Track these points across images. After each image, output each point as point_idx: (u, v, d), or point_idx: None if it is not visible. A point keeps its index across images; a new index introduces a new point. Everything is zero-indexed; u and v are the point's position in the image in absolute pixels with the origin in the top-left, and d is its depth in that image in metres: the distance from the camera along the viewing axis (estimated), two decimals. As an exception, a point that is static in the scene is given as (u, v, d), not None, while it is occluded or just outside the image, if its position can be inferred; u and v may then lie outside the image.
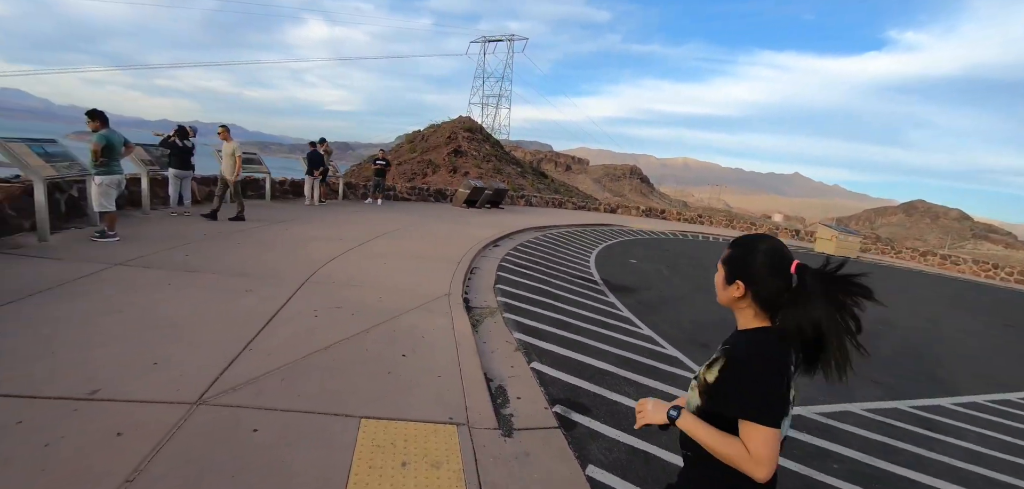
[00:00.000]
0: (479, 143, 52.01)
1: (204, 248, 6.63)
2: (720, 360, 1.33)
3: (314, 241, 8.00)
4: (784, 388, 1.24)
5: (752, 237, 1.40)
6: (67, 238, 6.32)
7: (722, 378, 1.30)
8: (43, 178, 5.87)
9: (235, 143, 8.71)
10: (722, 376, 1.30)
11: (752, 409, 1.22)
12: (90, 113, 6.10)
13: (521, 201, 21.96)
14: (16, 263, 5.17)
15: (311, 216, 10.75)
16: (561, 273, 9.03)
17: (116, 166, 6.28)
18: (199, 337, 3.93)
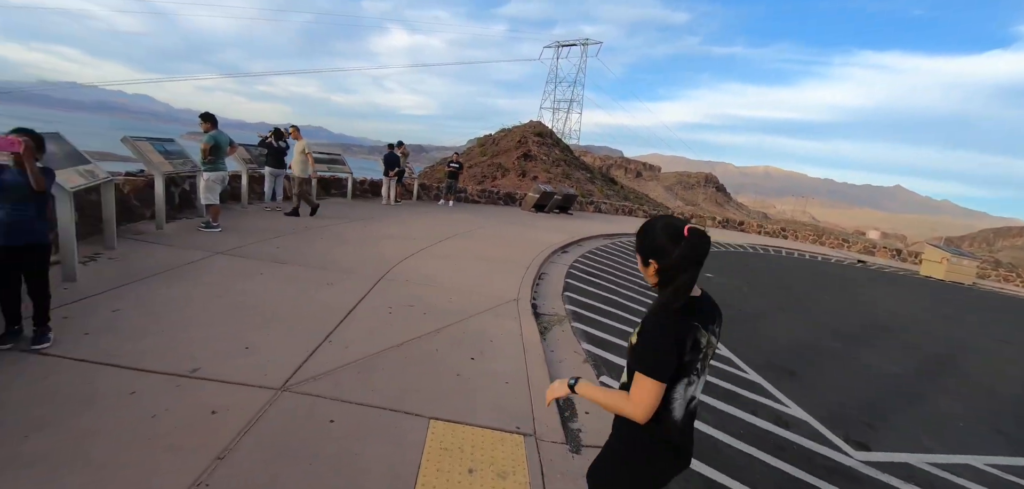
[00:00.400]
0: (549, 148, 51.97)
1: (292, 241, 7.10)
2: (639, 326, 1.56)
3: (389, 239, 8.31)
4: (673, 349, 1.46)
5: (651, 218, 1.60)
6: (178, 227, 7.03)
7: (637, 340, 1.54)
8: (162, 173, 6.57)
9: (304, 142, 9.22)
10: (637, 338, 1.54)
11: (643, 364, 1.47)
12: (203, 115, 6.78)
13: (590, 207, 21.62)
14: (138, 247, 5.81)
15: (387, 215, 11.21)
16: (632, 284, 8.71)
17: (221, 164, 6.91)
18: (285, 325, 4.17)
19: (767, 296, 9.92)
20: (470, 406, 3.37)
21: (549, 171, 45.61)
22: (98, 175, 5.14)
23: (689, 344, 1.49)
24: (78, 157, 5.06)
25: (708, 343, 1.54)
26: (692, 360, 1.51)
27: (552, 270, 8.48)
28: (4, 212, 3.05)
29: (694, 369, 1.54)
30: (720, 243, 18.11)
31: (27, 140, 3.04)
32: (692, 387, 1.56)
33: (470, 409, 3.33)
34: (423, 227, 10.16)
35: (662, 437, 1.57)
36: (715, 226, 24.93)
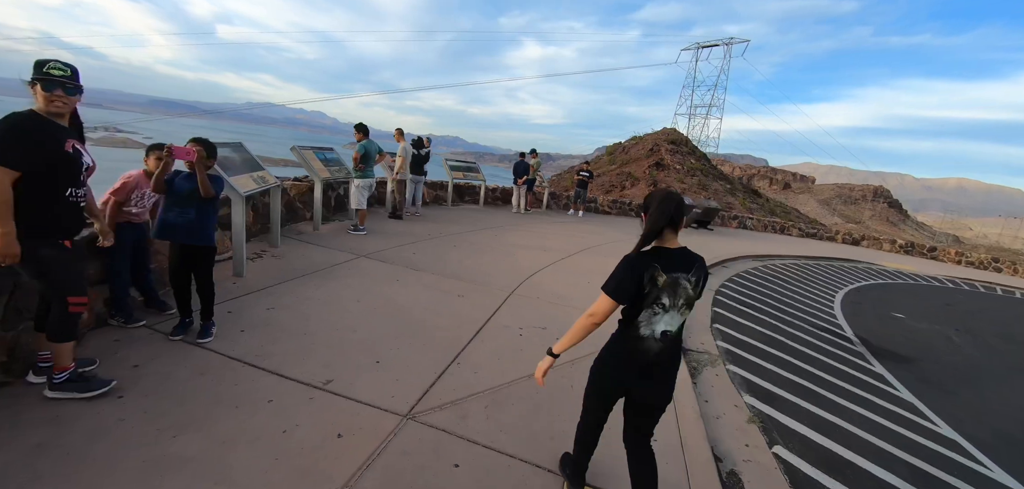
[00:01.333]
0: (683, 156, 48.58)
1: (428, 248, 7.20)
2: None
3: (521, 250, 8.06)
4: (630, 279, 1.96)
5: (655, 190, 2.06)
6: (333, 229, 7.58)
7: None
8: (321, 179, 7.12)
9: (405, 143, 9.27)
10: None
11: (606, 284, 2.01)
12: (357, 126, 7.22)
13: (734, 223, 19.36)
14: (297, 247, 6.29)
15: (518, 224, 11.07)
16: (797, 319, 7.27)
17: (370, 172, 7.30)
18: (417, 339, 4.02)
19: (993, 350, 7.58)
20: (613, 469, 2.77)
21: (683, 181, 42.51)
22: (268, 181, 5.63)
23: (647, 279, 1.92)
24: (254, 164, 5.60)
25: (671, 284, 1.92)
26: (652, 293, 1.93)
27: (696, 295, 7.46)
28: (175, 214, 3.28)
29: (659, 303, 1.94)
30: (906, 274, 14.80)
31: (200, 149, 3.24)
32: (658, 319, 1.95)
33: (614, 472, 2.74)
34: (553, 238, 9.78)
35: (628, 346, 2.03)
36: (895, 251, 20.62)
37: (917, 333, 7.86)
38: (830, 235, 21.22)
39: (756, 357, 5.24)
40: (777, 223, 20.73)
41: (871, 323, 7.97)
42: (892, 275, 14.08)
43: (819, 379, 5.03)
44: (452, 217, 10.39)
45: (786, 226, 20.66)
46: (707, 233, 15.86)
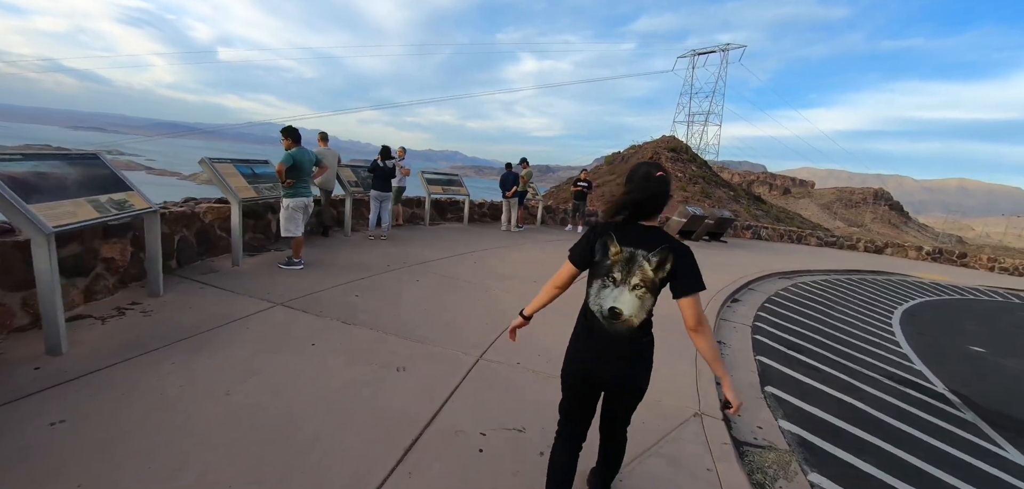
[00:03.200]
0: (684, 164, 47.00)
1: (381, 285, 5.48)
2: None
3: (505, 281, 6.32)
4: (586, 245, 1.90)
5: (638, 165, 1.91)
6: (261, 263, 5.87)
7: None
8: (239, 200, 5.43)
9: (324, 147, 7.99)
10: None
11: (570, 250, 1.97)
12: (283, 130, 5.55)
13: (747, 233, 17.63)
14: (190, 294, 4.57)
15: (506, 245, 9.34)
16: (864, 370, 5.51)
17: (304, 189, 5.60)
18: (308, 470, 2.30)
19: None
20: None
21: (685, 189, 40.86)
22: (130, 206, 3.93)
23: (598, 247, 1.86)
24: (108, 183, 3.91)
25: (626, 258, 1.80)
26: (602, 263, 1.85)
27: (731, 336, 5.72)
28: None
29: (609, 276, 1.82)
30: (946, 286, 13.04)
31: None
32: (607, 293, 1.83)
33: None
34: (546, 264, 8.05)
35: (583, 323, 1.96)
36: (922, 258, 18.86)
37: (1020, 377, 6.09)
38: (851, 243, 19.45)
39: (840, 448, 3.50)
40: (793, 232, 18.98)
41: (954, 365, 6.19)
42: (933, 289, 12.31)
43: (940, 484, 3.29)
44: (427, 240, 8.68)
45: (803, 235, 18.90)
46: (721, 246, 14.14)
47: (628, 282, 1.77)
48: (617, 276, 1.78)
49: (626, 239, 1.80)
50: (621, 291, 1.78)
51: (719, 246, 14.10)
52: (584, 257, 1.88)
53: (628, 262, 1.77)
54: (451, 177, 11.09)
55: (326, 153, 7.73)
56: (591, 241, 1.86)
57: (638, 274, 1.76)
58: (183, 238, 5.39)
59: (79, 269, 4.00)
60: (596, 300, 1.84)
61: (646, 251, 1.76)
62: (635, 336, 1.84)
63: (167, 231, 5.15)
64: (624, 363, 1.87)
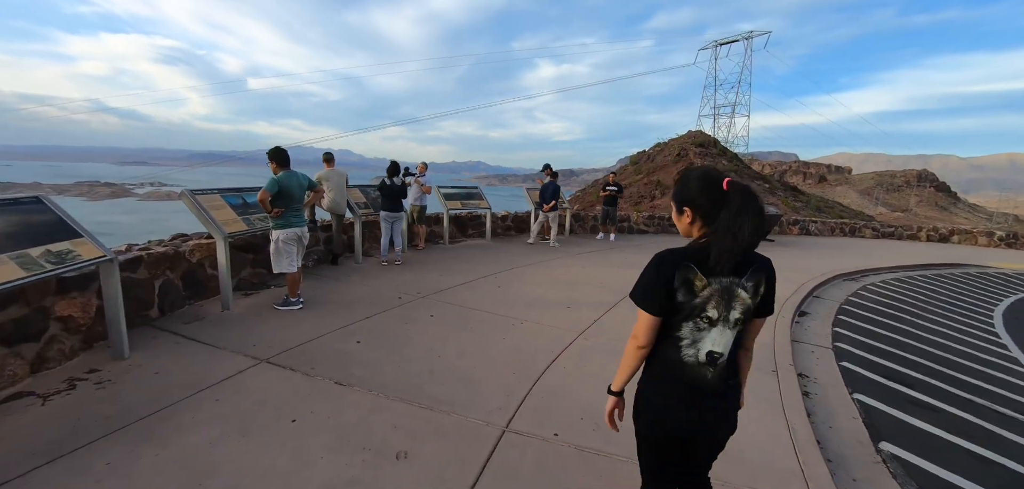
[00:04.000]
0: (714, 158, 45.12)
1: (387, 326, 4.68)
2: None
3: (534, 310, 5.43)
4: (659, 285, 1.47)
5: (693, 171, 1.55)
6: (257, 303, 5.18)
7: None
8: (225, 235, 4.74)
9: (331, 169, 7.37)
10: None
11: (634, 295, 1.55)
12: (269, 153, 4.84)
13: (794, 229, 16.19)
14: (170, 350, 3.87)
15: (533, 261, 8.45)
16: (992, 404, 4.37)
17: (296, 218, 4.86)
18: None
19: None
20: None
21: (717, 184, 39.05)
22: (73, 257, 3.25)
23: (680, 283, 1.46)
24: (53, 231, 3.24)
25: (718, 290, 1.45)
26: (689, 302, 1.47)
27: (813, 366, 4.67)
28: None
29: (703, 316, 1.47)
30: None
31: None
32: (705, 335, 1.49)
33: None
34: (581, 282, 7.12)
35: (670, 373, 1.55)
36: (994, 245, 16.94)
37: None
38: (912, 232, 17.70)
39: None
40: (845, 224, 17.38)
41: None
42: (1022, 282, 10.76)
43: None
44: (445, 262, 7.88)
45: (856, 227, 17.29)
46: (769, 244, 12.87)
47: (728, 319, 1.47)
48: (713, 314, 1.47)
49: (710, 268, 1.46)
50: (720, 331, 1.48)
51: (766, 246, 12.82)
52: (664, 303, 1.49)
53: (723, 295, 1.46)
54: (470, 190, 10.29)
55: (331, 174, 7.06)
56: (667, 280, 1.48)
57: (738, 307, 1.47)
58: (167, 282, 4.74)
59: (25, 334, 3.35)
60: (690, 348, 1.52)
61: (737, 277, 1.47)
62: (729, 375, 1.57)
63: (147, 276, 4.50)
64: (723, 410, 1.60)
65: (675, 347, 1.52)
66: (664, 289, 1.46)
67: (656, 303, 1.48)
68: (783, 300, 6.67)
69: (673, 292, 1.46)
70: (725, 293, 1.45)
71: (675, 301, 1.47)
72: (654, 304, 1.49)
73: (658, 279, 1.47)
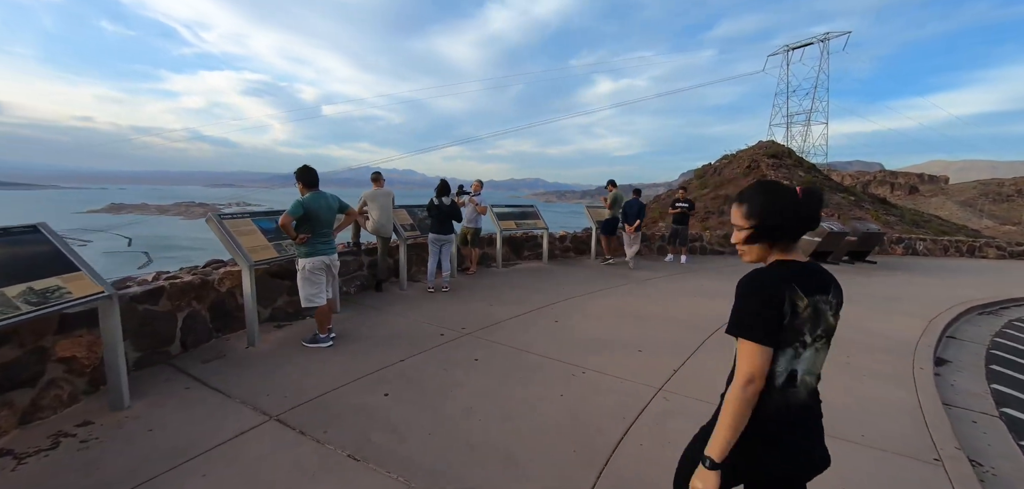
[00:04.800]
0: (789, 169, 41.62)
1: (425, 369, 3.97)
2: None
3: (599, 354, 4.48)
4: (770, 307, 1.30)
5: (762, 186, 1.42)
6: (287, 338, 4.67)
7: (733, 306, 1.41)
8: (251, 264, 4.26)
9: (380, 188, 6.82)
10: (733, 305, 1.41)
11: (739, 327, 1.33)
12: (297, 173, 4.31)
13: (898, 248, 13.96)
14: (166, 406, 3.36)
15: (596, 287, 7.51)
16: None
17: (324, 244, 4.29)
18: None
19: None
20: None
21: (794, 198, 35.76)
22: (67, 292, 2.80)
23: (787, 306, 1.31)
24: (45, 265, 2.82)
25: (811, 310, 1.33)
26: (792, 325, 1.32)
27: (983, 442, 3.38)
28: None
29: (801, 339, 1.34)
30: None
31: None
32: (798, 361, 1.35)
33: None
34: (655, 312, 6.08)
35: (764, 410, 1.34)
36: None
37: None
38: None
39: None
40: (962, 242, 14.82)
41: None
42: None
43: None
44: (497, 288, 7.12)
45: (977, 246, 14.68)
46: (869, 268, 11.03)
47: (815, 341, 1.35)
48: (806, 338, 1.33)
49: (807, 286, 1.33)
50: (814, 353, 1.36)
51: (867, 269, 10.99)
52: (773, 327, 1.30)
53: (815, 316, 1.33)
54: (525, 209, 9.52)
55: (377, 195, 6.54)
56: (777, 303, 1.29)
57: (822, 326, 1.35)
58: (192, 314, 4.32)
59: (17, 379, 2.94)
60: (784, 374, 1.34)
61: (823, 294, 1.35)
62: (816, 393, 1.43)
63: (169, 308, 4.10)
64: (815, 430, 1.43)
65: (769, 380, 1.35)
66: (779, 314, 1.31)
67: (771, 332, 1.31)
68: (911, 342, 5.29)
69: (782, 316, 1.31)
70: (816, 313, 1.35)
71: (780, 328, 1.32)
72: (769, 333, 1.30)
73: (772, 305, 1.31)
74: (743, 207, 1.40)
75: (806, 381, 1.37)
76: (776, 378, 1.34)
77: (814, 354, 1.36)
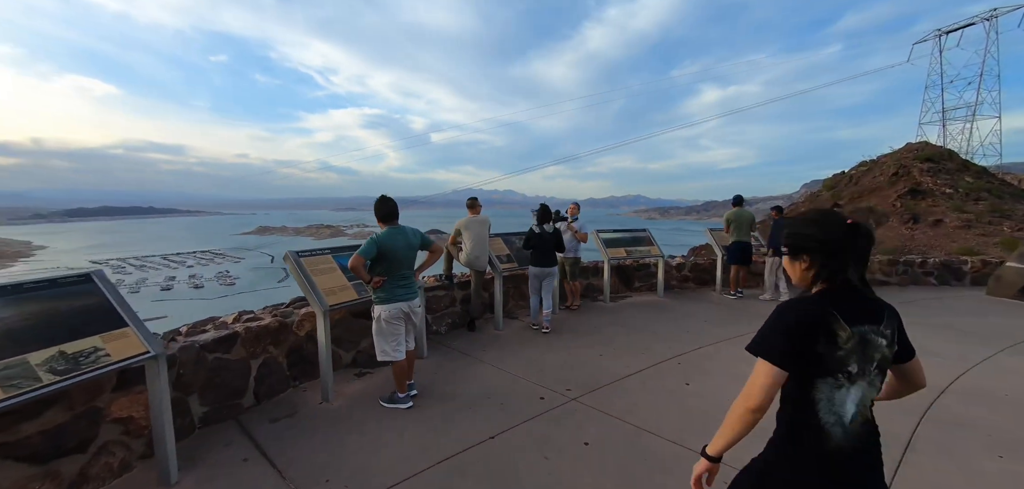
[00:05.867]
0: (952, 175, 34.24)
1: (509, 453, 3.04)
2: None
3: (757, 436, 3.24)
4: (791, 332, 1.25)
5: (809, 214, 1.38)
6: (365, 390, 4.04)
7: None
8: (326, 309, 3.70)
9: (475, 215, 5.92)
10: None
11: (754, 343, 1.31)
12: (377, 206, 3.62)
13: None
14: (224, 475, 2.83)
15: (729, 333, 6.06)
16: None
17: (401, 289, 3.57)
18: None
19: None
20: None
21: (963, 209, 29.21)
22: (105, 355, 2.34)
23: (821, 334, 1.24)
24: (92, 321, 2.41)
25: (860, 341, 1.25)
26: (831, 355, 1.24)
27: None
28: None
29: (844, 370, 1.26)
30: None
31: None
32: (844, 395, 1.26)
33: None
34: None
35: (809, 446, 1.28)
36: None
37: None
38: None
39: None
40: None
41: None
42: None
43: None
44: (606, 328, 6.00)
45: None
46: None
47: (867, 373, 1.27)
48: (853, 369, 1.25)
49: (851, 316, 1.26)
50: (860, 387, 1.27)
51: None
52: (797, 355, 1.25)
53: (862, 346, 1.26)
54: (637, 234, 8.25)
55: (471, 224, 5.81)
56: (804, 329, 1.25)
57: (876, 357, 1.27)
58: (268, 361, 3.88)
59: (65, 446, 2.56)
60: (829, 409, 1.26)
61: (875, 325, 1.28)
62: (872, 430, 1.33)
63: (243, 355, 3.68)
64: (873, 471, 1.32)
65: (810, 412, 1.28)
66: (803, 341, 1.24)
67: (786, 355, 1.25)
68: None
69: (814, 343, 1.24)
70: (864, 344, 1.26)
71: (812, 354, 1.25)
72: (784, 356, 1.25)
73: (786, 325, 1.26)
74: (785, 232, 1.39)
75: (857, 416, 1.27)
76: (820, 410, 1.26)
77: (866, 387, 1.28)
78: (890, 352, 1.30)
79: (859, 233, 1.29)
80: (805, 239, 1.34)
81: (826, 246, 1.30)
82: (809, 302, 1.28)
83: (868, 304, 1.30)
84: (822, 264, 1.31)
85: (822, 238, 1.31)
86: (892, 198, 29.32)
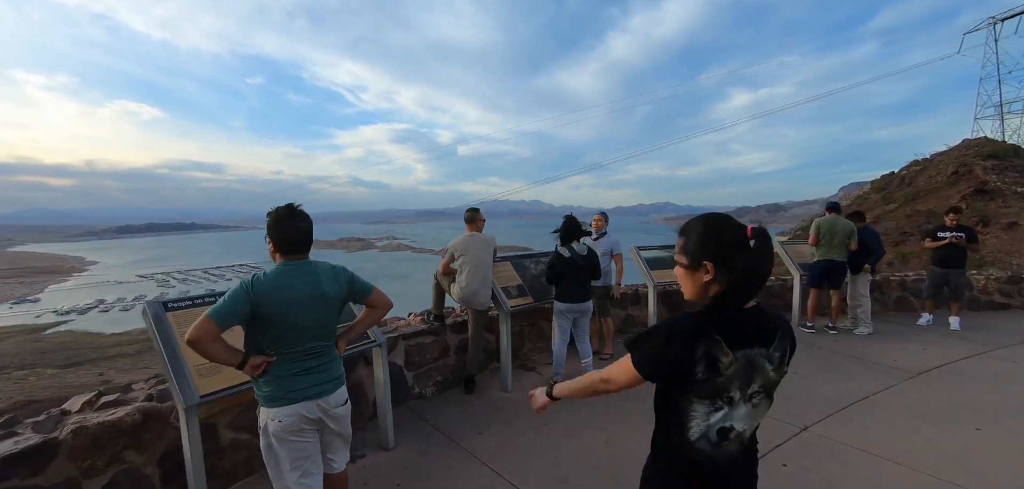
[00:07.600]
0: (1019, 172, 30.67)
1: None
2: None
3: None
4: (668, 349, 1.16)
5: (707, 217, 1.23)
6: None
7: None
8: (192, 403, 2.14)
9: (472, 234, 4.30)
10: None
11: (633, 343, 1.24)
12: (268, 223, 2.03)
13: None
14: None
15: (849, 392, 4.23)
16: None
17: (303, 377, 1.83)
18: None
19: None
20: None
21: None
22: None
23: (701, 356, 1.13)
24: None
25: (744, 365, 1.14)
26: (711, 380, 1.14)
27: None
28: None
29: (724, 395, 1.16)
30: None
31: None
32: (722, 414, 1.17)
33: None
34: (1003, 460, 2.71)
35: (674, 457, 1.24)
36: None
37: None
38: None
39: None
40: None
41: None
42: None
43: None
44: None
45: None
46: None
47: (748, 397, 1.16)
48: (734, 395, 1.15)
49: (737, 339, 1.14)
50: (751, 409, 1.18)
51: None
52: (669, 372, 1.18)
53: (746, 371, 1.15)
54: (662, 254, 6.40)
55: (468, 244, 4.18)
56: (680, 349, 1.13)
57: (759, 380, 1.16)
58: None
59: None
60: (702, 423, 1.17)
61: (764, 347, 1.16)
62: (749, 451, 1.24)
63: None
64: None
65: (682, 424, 1.19)
66: (677, 360, 1.14)
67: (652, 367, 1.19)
68: None
69: (690, 364, 1.12)
70: (748, 369, 1.15)
71: (688, 375, 1.14)
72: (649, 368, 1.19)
73: (672, 347, 1.14)
74: (681, 239, 1.24)
75: (725, 431, 1.17)
76: (691, 427, 1.18)
77: (751, 410, 1.18)
78: (777, 376, 1.19)
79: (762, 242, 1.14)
80: (706, 248, 1.17)
81: (728, 257, 1.14)
82: (692, 323, 1.14)
83: (759, 325, 1.18)
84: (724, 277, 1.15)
85: (724, 247, 1.15)
86: (955, 198, 26.06)
